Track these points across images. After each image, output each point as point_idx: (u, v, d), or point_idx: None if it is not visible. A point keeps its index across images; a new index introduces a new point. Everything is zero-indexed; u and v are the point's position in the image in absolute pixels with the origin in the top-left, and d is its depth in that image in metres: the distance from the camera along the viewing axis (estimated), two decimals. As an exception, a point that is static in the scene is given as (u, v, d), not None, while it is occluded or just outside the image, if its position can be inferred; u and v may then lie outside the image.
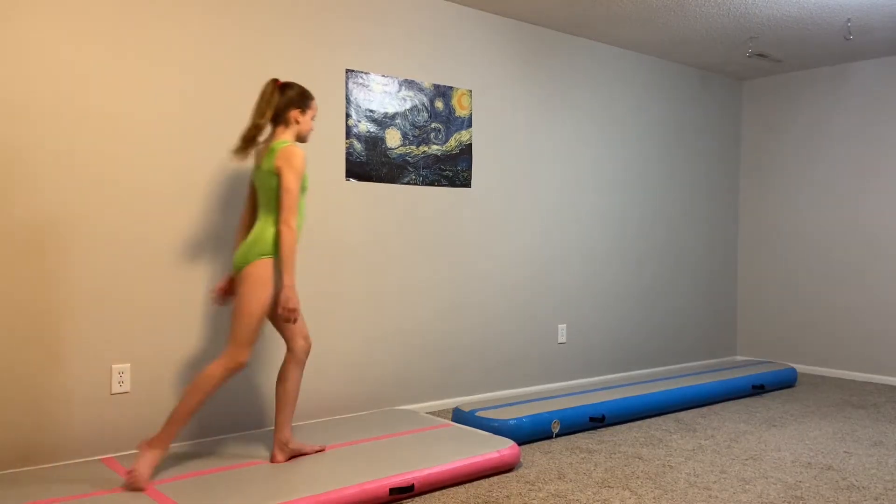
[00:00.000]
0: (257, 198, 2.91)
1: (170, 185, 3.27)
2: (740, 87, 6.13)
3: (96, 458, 3.04)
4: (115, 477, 2.73)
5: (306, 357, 2.98)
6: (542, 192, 4.73)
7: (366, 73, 3.90)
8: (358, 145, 3.87)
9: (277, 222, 2.78)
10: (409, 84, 4.07)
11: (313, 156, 3.71)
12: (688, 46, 5.13)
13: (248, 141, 2.85)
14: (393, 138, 4.00)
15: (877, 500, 2.85)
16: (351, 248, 3.86)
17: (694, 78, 5.73)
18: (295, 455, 2.96)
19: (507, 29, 4.51)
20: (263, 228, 2.79)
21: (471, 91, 4.34)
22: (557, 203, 4.81)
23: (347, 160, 3.84)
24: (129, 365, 3.17)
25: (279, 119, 2.89)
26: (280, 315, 2.72)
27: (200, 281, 3.36)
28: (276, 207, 2.79)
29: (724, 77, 5.97)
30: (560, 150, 4.83)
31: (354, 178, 3.87)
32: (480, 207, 4.41)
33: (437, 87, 4.19)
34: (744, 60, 5.47)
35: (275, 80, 2.91)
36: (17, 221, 2.90)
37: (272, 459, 2.91)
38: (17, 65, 2.90)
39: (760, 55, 5.26)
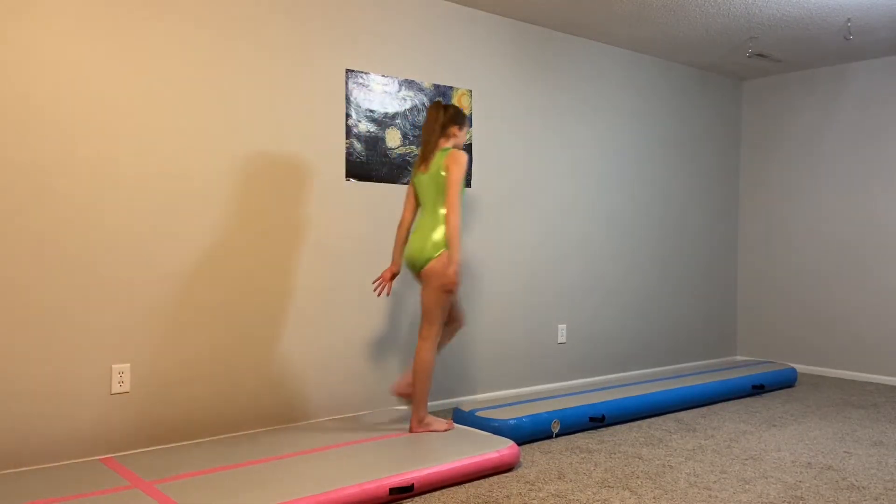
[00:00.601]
0: (420, 202, 3.44)
1: (169, 185, 3.27)
2: (740, 87, 6.13)
3: (96, 458, 3.04)
4: (115, 477, 2.73)
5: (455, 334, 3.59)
6: (542, 191, 4.73)
7: (366, 73, 3.90)
8: (358, 145, 3.87)
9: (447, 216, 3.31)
10: (409, 84, 4.07)
11: (313, 156, 3.71)
12: (688, 46, 5.13)
13: (428, 155, 3.42)
14: (393, 138, 4.00)
15: (877, 500, 2.85)
16: (351, 248, 3.86)
17: (694, 78, 5.73)
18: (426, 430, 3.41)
19: (507, 29, 4.51)
20: (434, 227, 3.31)
21: (471, 91, 4.34)
22: (557, 203, 4.81)
23: (347, 160, 3.84)
24: (128, 365, 3.17)
25: (441, 132, 3.45)
26: (442, 286, 3.25)
27: (200, 280, 3.36)
28: (445, 203, 3.32)
29: (724, 77, 5.97)
30: (560, 150, 4.83)
31: (354, 178, 3.87)
32: (480, 207, 4.41)
33: (437, 87, 4.19)
34: (744, 60, 5.47)
35: (437, 103, 3.48)
36: (20, 224, 2.90)
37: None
38: (18, 64, 2.90)
39: (760, 55, 5.26)
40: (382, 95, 3.96)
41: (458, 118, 3.48)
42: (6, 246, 2.88)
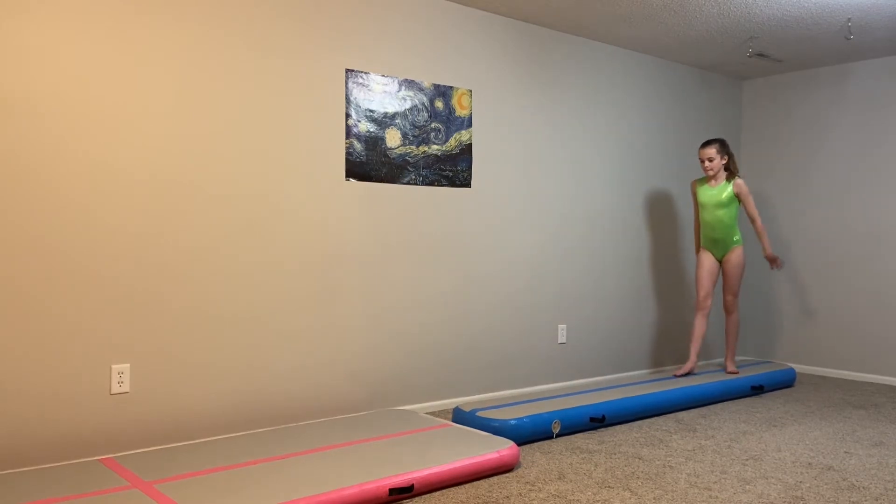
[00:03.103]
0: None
1: (168, 184, 3.27)
2: (740, 87, 6.13)
3: (96, 458, 3.04)
4: (115, 477, 2.73)
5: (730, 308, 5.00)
6: (542, 191, 4.73)
7: (366, 73, 3.90)
8: (358, 145, 3.87)
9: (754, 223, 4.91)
10: (409, 84, 4.07)
11: (313, 156, 3.71)
12: (688, 46, 5.13)
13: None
14: (393, 138, 4.00)
15: (877, 500, 2.85)
16: (351, 248, 3.86)
17: (694, 78, 5.73)
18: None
19: (507, 29, 4.51)
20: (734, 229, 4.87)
21: (471, 91, 4.34)
22: (557, 203, 4.81)
23: (347, 160, 3.83)
24: (128, 365, 3.17)
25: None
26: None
27: (200, 280, 3.36)
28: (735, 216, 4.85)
29: (724, 77, 5.97)
30: (560, 150, 4.83)
31: (354, 178, 3.87)
32: (480, 207, 4.41)
33: (437, 87, 4.19)
34: (744, 60, 5.47)
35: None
36: (13, 219, 2.90)
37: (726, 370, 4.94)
38: (16, 64, 2.90)
39: (760, 55, 5.26)
40: (382, 95, 3.96)
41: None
42: (5, 246, 2.88)
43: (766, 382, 4.84)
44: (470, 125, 4.34)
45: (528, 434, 3.55)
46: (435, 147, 4.18)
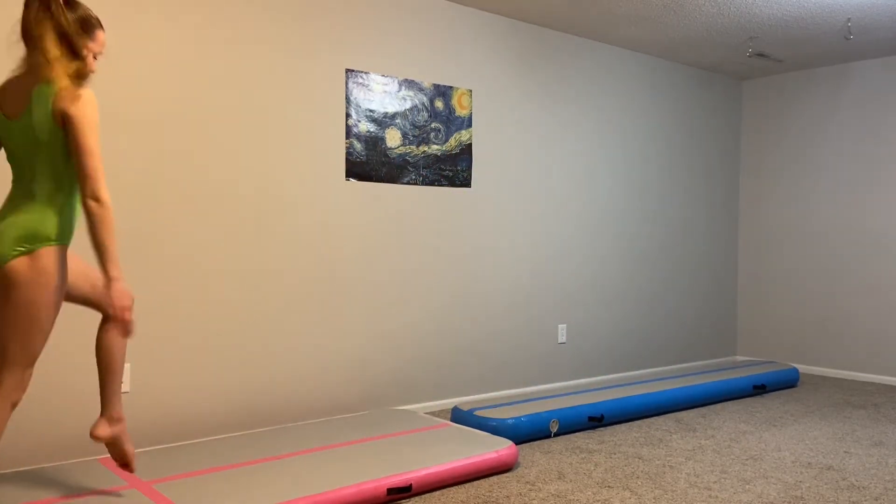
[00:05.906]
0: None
1: (167, 184, 3.27)
2: (740, 87, 6.13)
3: (95, 458, 3.04)
4: (114, 477, 2.73)
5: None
6: (542, 191, 4.73)
7: (366, 73, 3.90)
8: (358, 145, 3.87)
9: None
10: (409, 84, 4.07)
11: (313, 156, 3.71)
12: (688, 46, 5.13)
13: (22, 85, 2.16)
14: (393, 138, 4.00)
15: (877, 500, 2.84)
16: (350, 248, 3.86)
17: (694, 78, 5.72)
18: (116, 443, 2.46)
19: (507, 29, 4.51)
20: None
21: (471, 91, 4.34)
22: (557, 203, 4.81)
23: (347, 160, 3.84)
24: (129, 365, 3.17)
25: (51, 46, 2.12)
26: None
27: (199, 281, 3.36)
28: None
29: (724, 77, 5.97)
30: (560, 150, 4.83)
31: (354, 177, 3.87)
32: (480, 207, 4.41)
33: (437, 86, 4.19)
34: (744, 60, 5.47)
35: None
36: (17, 221, 2.90)
37: (94, 432, 2.41)
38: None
39: (760, 55, 5.26)
40: (382, 95, 3.96)
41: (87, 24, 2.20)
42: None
43: (769, 382, 4.83)
44: (470, 125, 4.34)
45: (526, 433, 3.55)
46: (435, 147, 4.18)
